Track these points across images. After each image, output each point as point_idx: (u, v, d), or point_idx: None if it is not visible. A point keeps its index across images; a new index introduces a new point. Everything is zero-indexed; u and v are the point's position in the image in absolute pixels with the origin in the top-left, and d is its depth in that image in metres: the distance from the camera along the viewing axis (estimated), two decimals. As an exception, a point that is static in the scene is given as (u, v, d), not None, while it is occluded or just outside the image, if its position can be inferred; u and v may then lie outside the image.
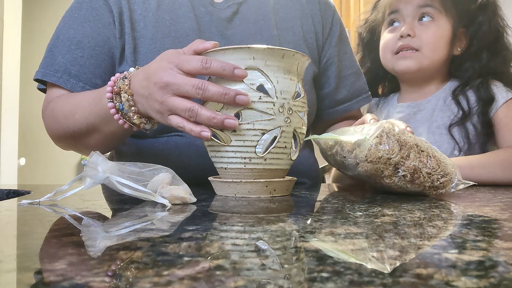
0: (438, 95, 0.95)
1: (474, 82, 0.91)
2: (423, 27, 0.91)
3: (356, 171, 0.59)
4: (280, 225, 0.34)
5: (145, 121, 0.60)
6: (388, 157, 0.54)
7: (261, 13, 0.83)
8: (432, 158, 0.55)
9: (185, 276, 0.21)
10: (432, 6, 0.91)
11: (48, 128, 0.78)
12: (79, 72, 0.76)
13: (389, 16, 0.95)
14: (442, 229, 0.34)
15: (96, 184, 0.49)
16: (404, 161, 0.54)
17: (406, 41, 0.91)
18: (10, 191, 0.70)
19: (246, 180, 0.54)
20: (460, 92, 0.92)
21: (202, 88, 0.51)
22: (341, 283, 0.20)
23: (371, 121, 0.64)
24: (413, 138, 0.56)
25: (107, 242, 0.30)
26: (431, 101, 0.95)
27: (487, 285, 0.19)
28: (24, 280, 0.21)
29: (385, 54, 0.96)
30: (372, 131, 0.56)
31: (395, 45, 0.93)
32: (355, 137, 0.57)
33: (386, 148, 0.54)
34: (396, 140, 0.55)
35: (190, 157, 0.76)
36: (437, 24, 0.91)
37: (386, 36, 0.96)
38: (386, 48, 0.96)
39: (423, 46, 0.91)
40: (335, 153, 0.64)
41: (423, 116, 0.94)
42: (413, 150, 0.55)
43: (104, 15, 0.77)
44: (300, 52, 0.55)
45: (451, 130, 0.89)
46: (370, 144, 0.55)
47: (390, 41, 0.94)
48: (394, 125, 0.57)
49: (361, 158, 0.56)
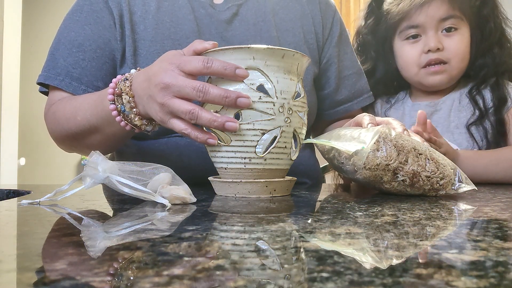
0: (453, 95, 0.95)
1: (489, 81, 0.91)
2: (449, 38, 0.90)
3: (354, 177, 0.59)
4: (280, 225, 0.34)
5: (146, 123, 0.60)
6: (386, 163, 0.54)
7: (261, 14, 0.83)
8: (430, 160, 0.55)
9: (185, 276, 0.21)
10: (454, 17, 0.90)
11: (51, 130, 0.78)
12: (81, 75, 0.76)
13: (407, 29, 0.93)
14: (442, 229, 0.34)
15: (96, 184, 0.49)
16: (403, 166, 0.54)
17: (435, 55, 0.90)
18: (10, 191, 0.70)
19: (246, 180, 0.54)
20: (476, 92, 0.92)
21: (203, 91, 0.51)
22: (341, 283, 0.20)
23: (368, 126, 0.63)
24: (411, 142, 0.55)
25: (107, 242, 0.30)
26: (446, 101, 0.95)
27: (487, 285, 0.19)
28: (24, 280, 0.21)
29: (410, 68, 0.94)
30: (369, 138, 0.56)
31: (421, 59, 0.92)
32: (352, 147, 0.56)
33: (384, 154, 0.54)
34: (394, 145, 0.54)
35: (190, 157, 0.76)
36: (461, 32, 0.91)
37: (407, 49, 0.94)
38: (411, 62, 0.94)
39: (452, 58, 0.90)
40: (333, 157, 0.64)
41: (440, 117, 0.94)
42: (411, 154, 0.54)
43: (105, 17, 0.78)
44: (300, 52, 0.55)
45: (470, 128, 0.89)
46: (367, 152, 0.55)
47: (414, 56, 0.92)
48: (390, 129, 0.57)
49: (359, 166, 0.56)
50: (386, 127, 0.57)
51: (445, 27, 0.90)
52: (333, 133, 0.65)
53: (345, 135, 0.61)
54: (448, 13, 0.89)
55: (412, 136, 0.61)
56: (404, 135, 0.58)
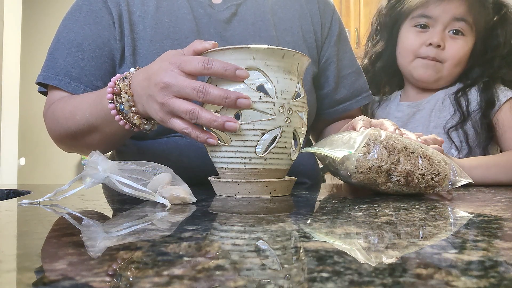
0: (438, 95, 0.95)
1: (480, 84, 0.91)
2: (453, 40, 0.91)
3: (350, 181, 0.59)
4: (280, 225, 0.34)
5: (145, 122, 0.60)
6: (378, 165, 0.54)
7: (260, 14, 0.83)
8: (423, 158, 0.55)
9: (185, 276, 0.21)
10: (466, 21, 0.90)
11: (50, 130, 0.78)
12: (80, 75, 0.76)
13: (419, 17, 0.93)
14: (442, 229, 0.34)
15: (96, 184, 0.49)
16: (395, 166, 0.54)
17: (434, 51, 0.90)
18: (10, 191, 0.70)
19: (246, 180, 0.54)
20: (462, 94, 0.91)
21: (203, 91, 0.51)
22: (341, 283, 0.20)
23: (361, 129, 0.62)
24: (401, 142, 0.55)
25: (107, 242, 0.30)
26: (430, 101, 0.95)
27: (487, 285, 0.19)
28: (24, 280, 0.21)
29: (407, 55, 0.95)
30: (358, 142, 0.55)
31: (420, 50, 0.92)
32: (339, 153, 0.56)
33: (375, 157, 0.54)
34: (384, 147, 0.54)
35: (190, 157, 0.76)
36: (466, 40, 0.91)
37: (412, 36, 0.94)
38: (410, 49, 0.94)
39: (448, 60, 0.91)
40: (328, 163, 0.64)
41: (422, 116, 0.94)
42: (402, 153, 0.54)
43: (104, 17, 0.78)
44: (300, 52, 0.55)
45: (450, 133, 0.89)
46: (357, 155, 0.55)
47: (415, 44, 0.93)
48: (380, 130, 0.57)
49: (352, 170, 0.56)
50: (375, 129, 0.57)
51: (454, 28, 0.91)
52: (327, 139, 0.65)
53: (337, 141, 0.61)
54: (462, 15, 0.90)
55: (406, 135, 0.61)
56: (395, 135, 0.57)
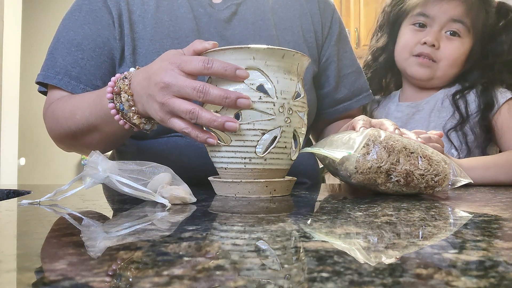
0: (437, 96, 0.95)
1: (478, 86, 0.91)
2: (448, 41, 0.91)
3: (349, 181, 0.59)
4: (280, 225, 0.34)
5: (145, 122, 0.60)
6: (378, 165, 0.54)
7: (260, 13, 0.83)
8: (423, 158, 0.54)
9: (185, 276, 0.21)
10: (463, 23, 0.90)
11: (50, 129, 0.78)
12: (80, 74, 0.76)
13: (418, 16, 0.94)
14: (442, 229, 0.34)
15: (96, 184, 0.49)
16: (395, 166, 0.54)
17: (428, 50, 0.91)
18: (10, 191, 0.70)
19: (246, 180, 0.54)
20: (461, 96, 0.92)
21: (203, 91, 0.51)
22: (341, 283, 0.20)
23: (360, 129, 0.62)
24: (401, 142, 0.55)
25: (107, 242, 0.30)
26: (429, 102, 0.95)
27: (487, 285, 0.19)
28: (24, 280, 0.21)
29: (403, 52, 0.96)
30: (357, 142, 0.55)
31: (415, 48, 0.93)
32: (340, 153, 0.56)
33: (374, 157, 0.54)
34: (383, 147, 0.54)
35: (190, 157, 0.76)
36: (462, 41, 0.91)
37: (409, 34, 0.95)
38: (406, 47, 0.95)
39: (442, 60, 0.91)
40: (328, 164, 0.64)
41: (421, 117, 0.94)
42: (402, 154, 0.54)
43: (103, 16, 0.78)
44: (300, 52, 0.55)
45: (449, 134, 0.89)
46: (357, 156, 0.55)
47: (411, 42, 0.94)
48: (380, 131, 0.57)
49: (352, 171, 0.56)
50: (375, 129, 0.57)
51: (450, 29, 0.91)
52: (327, 140, 0.65)
53: (337, 141, 0.61)
54: (460, 17, 0.90)
55: (406, 135, 0.61)
56: (395, 135, 0.57)
